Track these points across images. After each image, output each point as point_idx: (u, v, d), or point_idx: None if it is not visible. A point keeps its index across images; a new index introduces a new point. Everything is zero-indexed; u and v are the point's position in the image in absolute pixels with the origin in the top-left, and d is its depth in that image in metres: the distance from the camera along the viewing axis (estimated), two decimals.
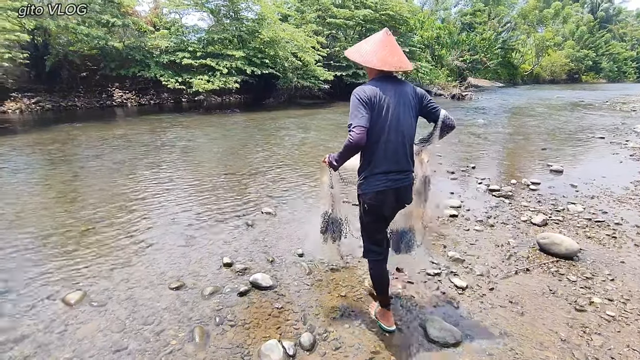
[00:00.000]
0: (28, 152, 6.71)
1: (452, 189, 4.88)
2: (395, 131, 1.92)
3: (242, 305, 2.43)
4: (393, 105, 1.91)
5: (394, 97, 1.92)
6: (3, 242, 3.26)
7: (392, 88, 1.94)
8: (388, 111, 1.90)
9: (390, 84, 1.95)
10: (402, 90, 1.97)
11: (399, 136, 1.93)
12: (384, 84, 1.94)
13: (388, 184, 1.96)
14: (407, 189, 2.06)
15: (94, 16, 12.34)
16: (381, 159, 1.94)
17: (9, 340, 2.10)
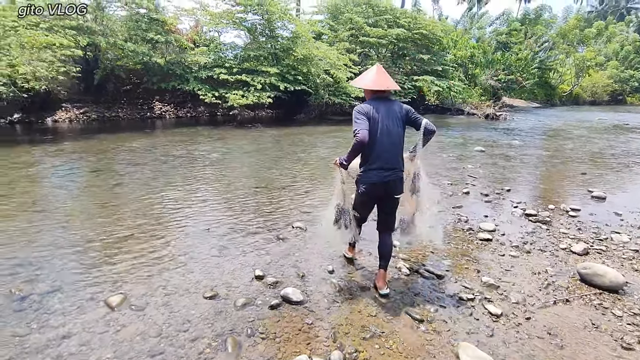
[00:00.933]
0: (75, 159, 7.16)
1: (486, 212, 4.76)
2: (387, 137, 2.57)
3: (273, 318, 2.47)
4: (384, 117, 2.57)
5: (385, 112, 2.59)
6: (52, 244, 3.48)
7: (383, 105, 2.61)
8: (380, 122, 2.56)
9: (381, 102, 2.63)
10: (390, 107, 2.64)
11: (389, 141, 2.59)
12: (376, 102, 2.62)
13: (379, 178, 2.59)
14: (395, 182, 2.65)
15: (140, 33, 13.15)
16: (375, 158, 2.58)
17: (58, 337, 2.23)
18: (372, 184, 2.60)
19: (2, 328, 2.30)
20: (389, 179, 2.60)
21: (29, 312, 2.47)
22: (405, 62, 20.73)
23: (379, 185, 2.61)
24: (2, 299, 2.60)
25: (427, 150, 2.74)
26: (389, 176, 2.60)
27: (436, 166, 7.47)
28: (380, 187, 2.62)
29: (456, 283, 2.99)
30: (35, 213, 4.29)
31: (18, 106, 11.60)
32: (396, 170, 2.63)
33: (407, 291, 2.84)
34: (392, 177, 2.61)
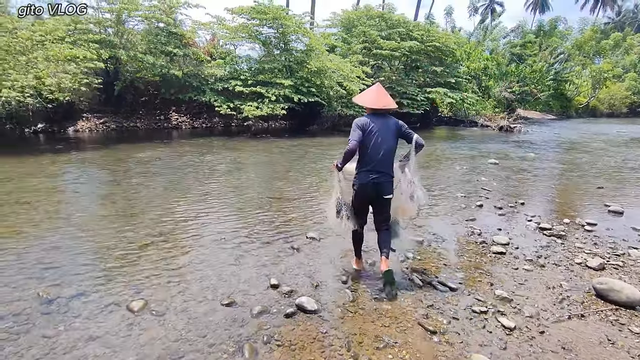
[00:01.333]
0: (95, 168, 7.40)
1: (499, 225, 4.75)
2: (378, 147, 2.98)
3: (289, 326, 2.53)
4: (379, 130, 2.99)
5: (380, 126, 3.01)
6: (76, 250, 3.62)
7: (379, 120, 3.04)
8: (374, 134, 2.98)
9: (378, 117, 3.06)
10: (386, 122, 3.07)
11: (381, 150, 2.99)
12: (373, 117, 3.05)
13: (368, 179, 3.00)
14: (382, 184, 3.02)
15: (159, 46, 13.59)
16: (366, 163, 3.01)
17: (83, 338, 2.33)
18: (363, 184, 3.03)
19: (32, 329, 2.42)
20: (377, 180, 3.00)
21: (56, 314, 2.59)
22: (418, 74, 20.82)
23: (369, 186, 3.02)
24: (31, 301, 2.72)
25: (440, 163, 2.83)
26: (378, 178, 3.00)
27: (449, 179, 7.47)
28: (370, 187, 3.03)
29: (469, 296, 3.00)
30: (60, 220, 4.47)
31: (42, 116, 12.06)
32: (384, 174, 3.03)
33: (420, 303, 2.87)
34: (380, 179, 3.01)
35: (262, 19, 14.82)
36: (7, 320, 2.50)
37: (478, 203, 5.63)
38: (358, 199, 3.12)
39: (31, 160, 7.67)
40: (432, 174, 7.89)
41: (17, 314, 2.57)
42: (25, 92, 9.23)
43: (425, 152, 3.15)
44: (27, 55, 9.89)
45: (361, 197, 3.09)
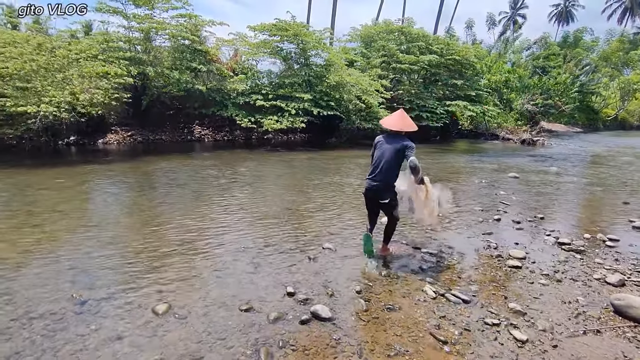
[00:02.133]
0: (123, 178, 7.77)
1: (516, 239, 4.72)
2: (380, 161, 3.67)
3: (303, 332, 2.63)
4: (386, 148, 3.69)
5: (389, 144, 3.69)
6: (106, 256, 3.85)
7: (391, 139, 3.73)
8: (382, 150, 3.71)
9: (391, 136, 3.77)
10: (395, 141, 3.68)
11: (383, 164, 3.65)
12: (388, 136, 3.79)
13: (367, 185, 3.77)
14: (377, 190, 3.70)
15: (184, 63, 14.19)
16: (371, 172, 3.75)
17: (112, 338, 2.51)
18: (365, 188, 3.82)
19: (67, 327, 2.61)
20: (373, 186, 3.72)
21: (87, 315, 2.78)
22: (438, 87, 20.83)
23: (368, 190, 3.78)
24: (65, 302, 2.94)
25: (459, 176, 2.91)
26: (374, 185, 3.70)
27: (467, 192, 7.45)
28: (369, 191, 3.77)
29: (482, 308, 3.03)
30: (91, 227, 4.75)
31: (74, 129, 12.71)
32: (381, 182, 3.67)
33: (432, 314, 2.92)
34: (376, 186, 3.70)
35: (283, 36, 15.27)
36: (46, 319, 2.71)
37: (496, 217, 5.60)
38: (365, 199, 3.91)
39: (64, 171, 8.12)
40: (449, 187, 7.86)
41: (54, 313, 2.78)
42: (61, 107, 9.82)
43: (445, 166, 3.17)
44: (63, 73, 10.56)
45: (364, 198, 3.89)
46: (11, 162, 8.92)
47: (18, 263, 3.63)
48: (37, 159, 9.44)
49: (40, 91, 9.73)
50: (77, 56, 11.38)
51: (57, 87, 10.09)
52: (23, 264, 3.61)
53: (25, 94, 9.64)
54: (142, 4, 13.28)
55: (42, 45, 10.77)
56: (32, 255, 3.83)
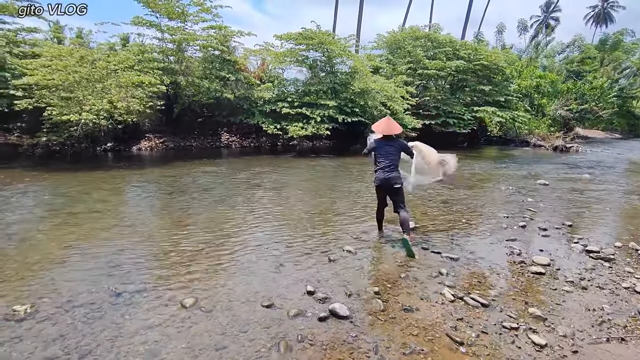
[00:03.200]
0: (155, 182, 8.17)
1: (542, 246, 4.63)
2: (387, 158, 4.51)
3: (321, 329, 2.73)
4: (388, 148, 4.56)
5: (389, 145, 4.58)
6: (139, 253, 4.11)
7: (386, 141, 4.61)
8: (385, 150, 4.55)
9: (386, 140, 4.63)
10: (392, 143, 4.61)
11: (391, 160, 4.51)
12: (383, 140, 4.64)
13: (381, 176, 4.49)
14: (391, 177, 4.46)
15: (214, 72, 14.74)
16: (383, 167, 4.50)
17: (144, 327, 2.70)
18: (379, 180, 4.52)
19: (104, 316, 2.84)
20: (387, 176, 4.46)
21: (122, 306, 3.00)
22: (465, 93, 20.51)
23: (383, 180, 4.49)
24: (102, 294, 3.18)
25: (485, 183, 2.93)
26: (389, 174, 4.46)
27: (492, 199, 7.33)
28: (384, 180, 4.48)
29: (501, 312, 3.02)
30: (125, 227, 5.05)
31: (111, 136, 13.45)
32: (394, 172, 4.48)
33: (450, 316, 2.95)
34: (390, 175, 4.46)
35: (309, 44, 15.57)
36: (86, 308, 2.94)
37: (521, 224, 5.50)
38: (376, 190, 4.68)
39: (102, 175, 8.63)
40: (474, 193, 7.77)
41: (92, 303, 3.02)
42: (100, 115, 10.44)
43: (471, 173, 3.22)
44: (102, 83, 11.24)
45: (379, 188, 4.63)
46: (55, 166, 9.57)
47: (61, 257, 3.94)
48: (78, 164, 10.06)
49: (82, 100, 10.40)
50: (115, 67, 12.08)
51: (97, 96, 10.75)
52: (65, 259, 3.91)
53: (69, 103, 10.32)
54: (176, 17, 13.94)
55: (84, 57, 11.52)
56: (73, 250, 4.14)
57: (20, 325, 2.71)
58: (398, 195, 4.51)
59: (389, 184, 4.48)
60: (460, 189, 8.11)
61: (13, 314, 2.83)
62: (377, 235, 4.89)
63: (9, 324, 2.71)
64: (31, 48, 12.89)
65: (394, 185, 4.47)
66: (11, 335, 2.58)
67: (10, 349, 2.45)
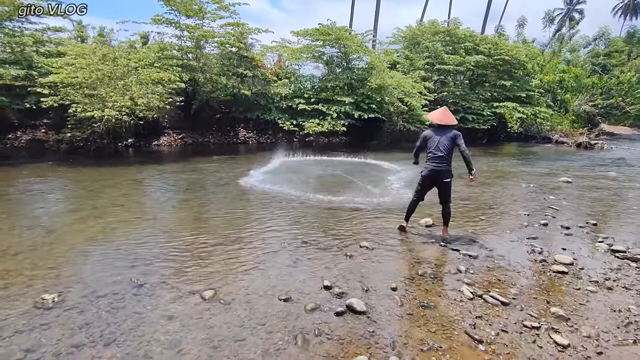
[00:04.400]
0: (174, 177, 8.33)
1: (564, 244, 4.51)
2: (440, 149, 4.37)
3: (338, 323, 2.74)
4: (440, 138, 4.42)
5: (442, 135, 4.44)
6: (160, 246, 4.21)
7: (440, 131, 4.49)
8: (433, 140, 4.45)
9: (440, 129, 4.51)
10: (445, 133, 4.44)
11: (443, 151, 4.36)
12: (437, 129, 4.53)
13: (430, 168, 4.42)
14: (441, 171, 4.38)
15: (231, 69, 14.88)
16: (433, 159, 4.41)
17: (165, 317, 2.77)
18: (427, 170, 4.45)
19: (127, 306, 2.92)
20: (437, 168, 4.39)
21: (144, 296, 3.08)
22: (485, 88, 20.09)
23: (431, 171, 4.42)
24: (125, 285, 3.27)
25: (506, 180, 2.88)
26: (439, 167, 4.38)
27: (513, 196, 7.17)
28: (433, 172, 4.42)
29: (522, 311, 2.96)
30: (146, 220, 5.17)
31: (132, 132, 13.75)
32: (444, 165, 4.37)
33: (468, 313, 2.91)
34: (440, 168, 4.38)
35: (325, 40, 15.52)
36: (109, 298, 3.04)
37: (542, 222, 5.37)
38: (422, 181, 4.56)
39: (123, 170, 8.85)
40: (494, 191, 7.62)
41: (115, 294, 3.11)
42: (122, 111, 10.70)
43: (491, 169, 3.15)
44: (124, 80, 11.50)
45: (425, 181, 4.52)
46: (79, 161, 9.87)
47: (85, 249, 4.07)
48: (100, 159, 10.35)
49: (104, 97, 10.67)
50: (135, 64, 12.34)
51: (119, 93, 11.01)
52: (90, 251, 4.04)
53: (92, 100, 10.61)
54: (193, 14, 14.11)
55: (106, 56, 11.80)
56: (97, 243, 4.27)
57: (49, 313, 2.82)
58: (446, 189, 4.46)
59: (439, 178, 4.40)
60: (480, 186, 7.97)
61: (42, 302, 2.94)
62: (400, 227, 4.81)
63: (38, 312, 2.82)
64: (56, 47, 13.28)
65: (443, 179, 4.40)
66: (40, 322, 2.69)
67: (39, 335, 2.55)
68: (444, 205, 4.53)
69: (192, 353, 2.40)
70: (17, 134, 13.19)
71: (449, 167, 4.39)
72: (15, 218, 5.15)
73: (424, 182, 4.53)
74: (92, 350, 2.40)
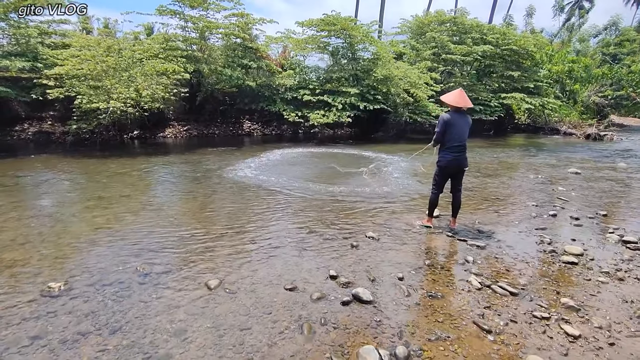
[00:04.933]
0: (180, 168, 8.32)
1: (574, 235, 4.44)
2: (460, 136, 4.19)
3: (344, 313, 2.72)
4: (461, 124, 4.20)
5: (461, 121, 4.21)
6: (165, 236, 4.20)
7: (459, 116, 4.23)
8: (455, 127, 4.17)
9: (459, 114, 4.25)
10: (464, 118, 4.26)
11: (463, 139, 4.21)
12: (456, 114, 4.24)
13: (452, 157, 4.22)
14: (462, 159, 4.25)
15: (236, 60, 14.78)
16: (454, 147, 4.19)
17: (171, 306, 2.76)
18: (447, 160, 4.24)
19: (132, 295, 2.92)
20: (458, 157, 4.21)
21: (149, 285, 3.08)
22: (492, 79, 19.81)
23: (452, 161, 4.22)
24: (130, 274, 3.27)
25: (513, 171, 2.82)
26: (459, 156, 4.21)
27: (521, 187, 7.08)
28: (454, 162, 4.22)
29: (531, 301, 2.92)
30: (152, 211, 5.17)
31: (137, 124, 13.76)
32: (464, 153, 4.23)
33: (477, 303, 2.87)
34: (461, 156, 4.22)
35: (331, 30, 15.33)
36: (115, 287, 3.04)
37: (551, 212, 5.29)
38: (442, 172, 4.32)
39: (129, 162, 8.86)
40: (502, 182, 7.53)
41: (121, 282, 3.11)
42: (127, 103, 10.68)
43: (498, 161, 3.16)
44: (128, 71, 11.47)
45: (445, 171, 4.30)
46: (85, 153, 9.91)
47: (92, 239, 4.08)
48: (106, 151, 10.38)
49: (109, 89, 10.66)
50: (140, 56, 12.29)
51: (124, 84, 10.99)
52: (96, 240, 4.04)
53: (97, 92, 10.60)
54: (197, 4, 13.99)
55: (111, 47, 11.76)
56: (103, 232, 4.27)
57: (55, 301, 2.82)
58: (461, 178, 4.38)
59: (460, 167, 4.26)
60: (486, 177, 7.88)
61: (49, 290, 2.95)
62: (425, 226, 4.54)
63: (45, 300, 2.83)
64: (62, 39, 13.27)
65: (463, 167, 4.28)
66: (47, 310, 2.69)
67: (46, 322, 2.55)
68: (455, 194, 4.41)
69: (198, 341, 2.39)
70: (24, 126, 13.26)
71: (466, 154, 4.28)
72: (23, 209, 5.17)
73: (444, 173, 4.33)
74: (98, 338, 2.40)
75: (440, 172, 4.34)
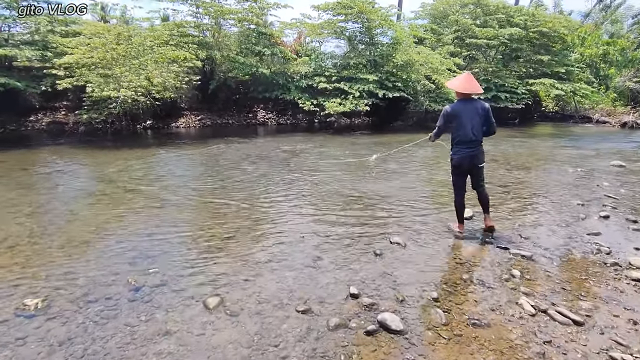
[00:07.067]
0: (191, 161, 7.93)
1: (636, 243, 3.80)
2: (471, 128, 3.63)
3: (369, 346, 2.21)
4: (470, 115, 3.64)
5: (471, 111, 3.66)
6: (166, 240, 3.77)
7: (468, 104, 3.70)
8: (462, 117, 3.64)
9: (467, 102, 3.72)
10: (473, 105, 3.69)
11: (475, 131, 3.65)
12: (464, 103, 3.71)
13: (465, 153, 3.69)
14: (476, 155, 3.71)
15: (249, 47, 14.24)
16: (464, 142, 3.67)
17: (161, 332, 2.31)
18: (459, 157, 3.72)
19: (118, 315, 2.48)
20: (471, 153, 3.68)
21: (140, 303, 2.64)
22: (519, 64, 18.69)
23: (464, 159, 3.70)
24: (120, 287, 2.84)
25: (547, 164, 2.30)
26: (472, 152, 3.68)
27: (559, 182, 6.37)
28: (466, 159, 3.70)
29: (602, 335, 2.34)
30: (155, 209, 4.76)
31: (150, 114, 13.45)
32: (478, 148, 3.71)
33: (533, 336, 2.32)
34: (474, 152, 3.69)
35: (348, 14, 14.57)
36: (100, 304, 2.61)
37: (602, 213, 4.63)
38: (457, 170, 3.80)
39: (140, 154, 8.50)
40: (535, 176, 6.83)
41: (108, 298, 2.68)
42: (138, 91, 10.33)
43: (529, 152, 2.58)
44: (139, 59, 11.09)
45: (460, 167, 3.76)
46: (97, 144, 9.65)
47: (85, 242, 3.69)
48: (118, 142, 10.09)
49: (119, 77, 10.32)
50: (151, 43, 11.89)
51: (134, 72, 10.63)
52: (89, 244, 3.65)
53: (107, 80, 10.28)
54: None
55: (121, 34, 11.39)
56: (99, 235, 3.88)
57: (29, 322, 2.42)
58: (480, 174, 3.80)
59: (473, 164, 3.71)
60: (519, 170, 7.19)
61: (23, 308, 2.55)
62: (457, 233, 3.91)
63: (17, 321, 2.43)
64: (71, 26, 12.97)
65: (479, 165, 3.74)
66: (16, 336, 2.28)
67: (11, 353, 2.14)
68: (478, 189, 3.85)
69: None
70: (37, 116, 13.13)
71: (482, 148, 3.73)
72: (20, 205, 4.84)
73: (458, 171, 3.80)
74: None
75: (455, 171, 3.83)
